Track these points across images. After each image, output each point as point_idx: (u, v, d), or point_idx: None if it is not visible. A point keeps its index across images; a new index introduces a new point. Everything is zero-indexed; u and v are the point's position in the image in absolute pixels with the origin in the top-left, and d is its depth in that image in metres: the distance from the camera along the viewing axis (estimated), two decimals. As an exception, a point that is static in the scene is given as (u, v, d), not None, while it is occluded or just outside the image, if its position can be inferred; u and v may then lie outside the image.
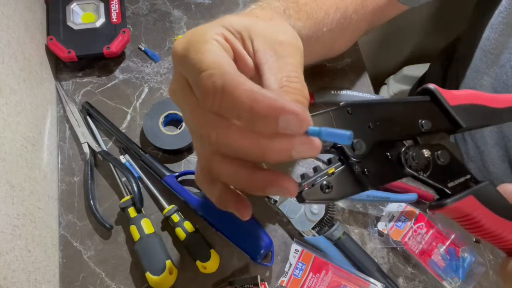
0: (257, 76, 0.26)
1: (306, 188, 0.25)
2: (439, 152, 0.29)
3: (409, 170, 0.28)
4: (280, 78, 0.24)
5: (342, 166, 0.26)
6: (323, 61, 0.63)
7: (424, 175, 0.28)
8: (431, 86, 0.31)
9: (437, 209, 0.29)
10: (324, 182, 0.25)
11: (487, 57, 0.55)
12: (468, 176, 0.30)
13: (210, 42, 0.24)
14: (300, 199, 0.25)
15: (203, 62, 0.23)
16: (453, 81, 0.67)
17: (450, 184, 0.29)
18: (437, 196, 0.30)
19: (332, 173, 0.26)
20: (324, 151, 0.27)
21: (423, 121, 0.29)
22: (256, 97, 0.20)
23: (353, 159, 0.26)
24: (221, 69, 0.22)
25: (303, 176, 0.26)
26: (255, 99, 0.20)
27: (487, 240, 0.31)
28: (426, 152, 0.29)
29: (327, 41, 0.45)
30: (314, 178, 0.25)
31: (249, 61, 0.27)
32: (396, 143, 0.29)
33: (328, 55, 0.54)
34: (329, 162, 0.27)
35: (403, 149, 0.28)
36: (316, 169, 0.26)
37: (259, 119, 0.20)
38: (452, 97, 0.30)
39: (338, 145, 0.26)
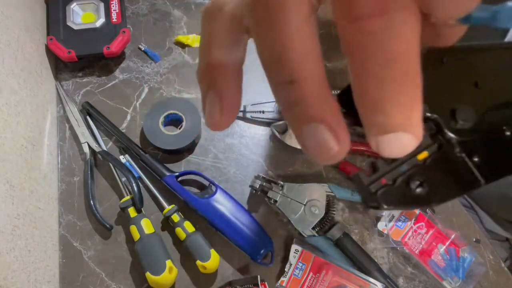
0: None
1: (384, 186, 0.16)
2: None
3: None
4: None
5: (439, 149, 0.16)
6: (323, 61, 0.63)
7: None
8: None
9: None
10: (414, 176, 0.16)
11: None
12: None
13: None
14: (374, 203, 0.16)
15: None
16: None
17: None
18: None
19: (424, 161, 0.16)
20: None
21: None
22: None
23: (454, 136, 0.16)
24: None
25: (375, 167, 0.19)
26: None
27: None
28: None
29: None
30: (396, 168, 0.16)
31: None
32: (508, 111, 0.17)
33: None
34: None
35: None
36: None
37: None
38: None
39: (428, 115, 0.16)
